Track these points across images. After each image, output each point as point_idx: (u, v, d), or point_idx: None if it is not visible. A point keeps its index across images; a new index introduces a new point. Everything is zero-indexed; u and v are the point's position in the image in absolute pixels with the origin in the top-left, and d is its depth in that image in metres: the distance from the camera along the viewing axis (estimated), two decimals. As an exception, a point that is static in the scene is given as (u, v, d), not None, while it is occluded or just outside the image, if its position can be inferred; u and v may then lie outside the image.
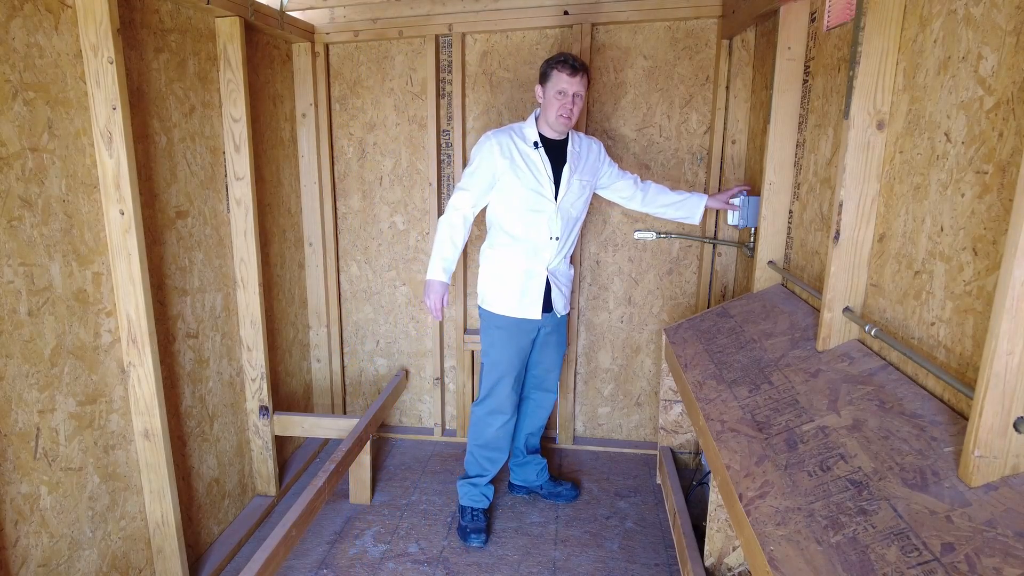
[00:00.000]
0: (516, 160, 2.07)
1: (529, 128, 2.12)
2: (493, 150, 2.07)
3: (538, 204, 2.10)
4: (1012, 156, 0.97)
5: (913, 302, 1.25)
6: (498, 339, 2.20)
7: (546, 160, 2.10)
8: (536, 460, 2.50)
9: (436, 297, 2.10)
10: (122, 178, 1.60)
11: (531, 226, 2.11)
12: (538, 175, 2.09)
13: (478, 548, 2.22)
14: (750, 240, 2.24)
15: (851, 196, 1.41)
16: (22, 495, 1.45)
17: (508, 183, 2.08)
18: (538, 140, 2.10)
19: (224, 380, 2.25)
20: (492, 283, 2.19)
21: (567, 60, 2.00)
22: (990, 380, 0.89)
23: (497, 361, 2.22)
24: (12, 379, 1.41)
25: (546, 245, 2.13)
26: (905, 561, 0.87)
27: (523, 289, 2.15)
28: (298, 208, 2.82)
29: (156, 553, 1.87)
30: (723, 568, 1.68)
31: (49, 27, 1.47)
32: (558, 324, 2.31)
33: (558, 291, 2.21)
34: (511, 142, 2.09)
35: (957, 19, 1.13)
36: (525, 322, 2.19)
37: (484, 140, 2.10)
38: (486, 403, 2.26)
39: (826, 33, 1.73)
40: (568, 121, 2.04)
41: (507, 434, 2.29)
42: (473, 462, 2.33)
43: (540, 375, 2.38)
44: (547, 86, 2.04)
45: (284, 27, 2.43)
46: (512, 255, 2.15)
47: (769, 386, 1.52)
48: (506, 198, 2.10)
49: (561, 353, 2.38)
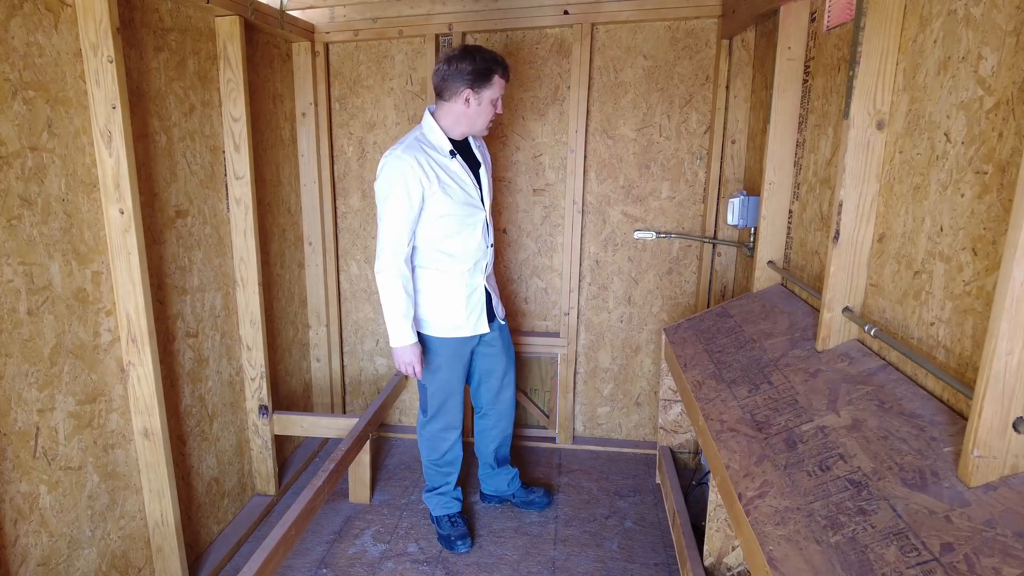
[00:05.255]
0: (442, 177, 1.88)
1: (436, 135, 1.92)
2: (415, 172, 1.82)
3: (472, 216, 1.97)
4: (1012, 156, 0.97)
5: (913, 302, 1.25)
6: (445, 362, 2.08)
7: (466, 167, 1.96)
8: (507, 471, 2.42)
9: (413, 359, 1.96)
10: (122, 177, 1.60)
11: (468, 240, 1.98)
12: (465, 187, 1.94)
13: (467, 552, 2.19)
14: (750, 240, 2.24)
15: (851, 196, 1.41)
16: (21, 494, 1.45)
17: (439, 203, 1.88)
18: (452, 148, 1.94)
19: (224, 379, 2.25)
20: (435, 307, 2.02)
21: (503, 64, 1.87)
22: (989, 380, 0.89)
23: (444, 384, 2.11)
24: (12, 378, 1.41)
25: (484, 255, 2.05)
26: (904, 561, 0.87)
27: (468, 306, 2.03)
28: (298, 207, 2.82)
29: (155, 552, 1.87)
30: (722, 568, 1.68)
31: (49, 26, 1.46)
32: (501, 329, 2.21)
33: (495, 297, 2.15)
34: (427, 157, 1.86)
35: (957, 19, 1.13)
36: (470, 339, 2.11)
37: (395, 163, 1.82)
38: (438, 420, 2.17)
39: (826, 33, 1.73)
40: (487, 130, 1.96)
41: (460, 443, 2.24)
42: (433, 474, 2.27)
43: (495, 385, 2.26)
44: (483, 92, 1.86)
45: (284, 26, 2.43)
46: (453, 274, 2.00)
47: (768, 386, 1.52)
48: (438, 220, 1.92)
49: (511, 355, 2.26)
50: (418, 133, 1.94)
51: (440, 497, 2.27)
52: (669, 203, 2.69)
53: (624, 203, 2.72)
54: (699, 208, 2.67)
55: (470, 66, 1.84)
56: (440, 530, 2.26)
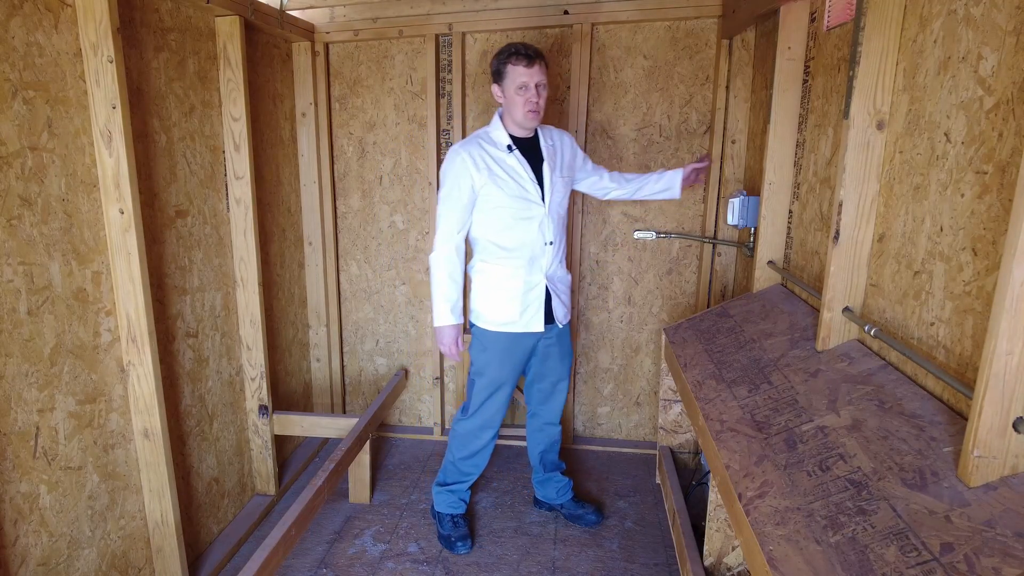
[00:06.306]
0: (494, 169, 1.94)
1: (497, 131, 1.99)
2: (466, 164, 1.92)
3: (527, 211, 1.98)
4: (1012, 156, 0.97)
5: (913, 302, 1.25)
6: (495, 358, 2.08)
7: (524, 162, 1.98)
8: (556, 479, 2.37)
9: (451, 342, 2.03)
10: (122, 177, 1.60)
11: (524, 235, 2.00)
12: (520, 180, 1.97)
13: (466, 554, 2.19)
14: (750, 240, 2.24)
15: (851, 196, 1.41)
16: (21, 494, 1.45)
17: (490, 196, 1.95)
18: (511, 143, 1.98)
19: (224, 379, 2.25)
20: (488, 300, 2.05)
21: (519, 51, 1.87)
22: (989, 380, 0.89)
23: (493, 379, 2.10)
24: (12, 378, 1.41)
25: (542, 252, 2.03)
26: (904, 561, 0.87)
27: (524, 302, 2.03)
28: (298, 207, 2.82)
29: (155, 552, 1.87)
30: (722, 568, 1.68)
31: (49, 26, 1.46)
32: (560, 334, 2.17)
33: (558, 300, 2.10)
34: (482, 151, 1.95)
35: (957, 19, 1.13)
36: (525, 336, 2.08)
37: (452, 156, 1.95)
38: (475, 418, 2.15)
39: (826, 33, 1.73)
40: (537, 115, 1.92)
41: (492, 446, 2.22)
42: (453, 471, 2.25)
43: (546, 389, 2.24)
44: (504, 83, 1.91)
45: (284, 26, 2.43)
46: (508, 268, 2.02)
47: (768, 386, 1.52)
48: (492, 211, 1.97)
49: (567, 364, 2.24)
50: (482, 130, 2.04)
51: (449, 495, 2.26)
52: (669, 203, 2.69)
53: (624, 203, 2.71)
54: (699, 208, 2.67)
55: (494, 62, 1.95)
56: (441, 529, 2.25)
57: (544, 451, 2.35)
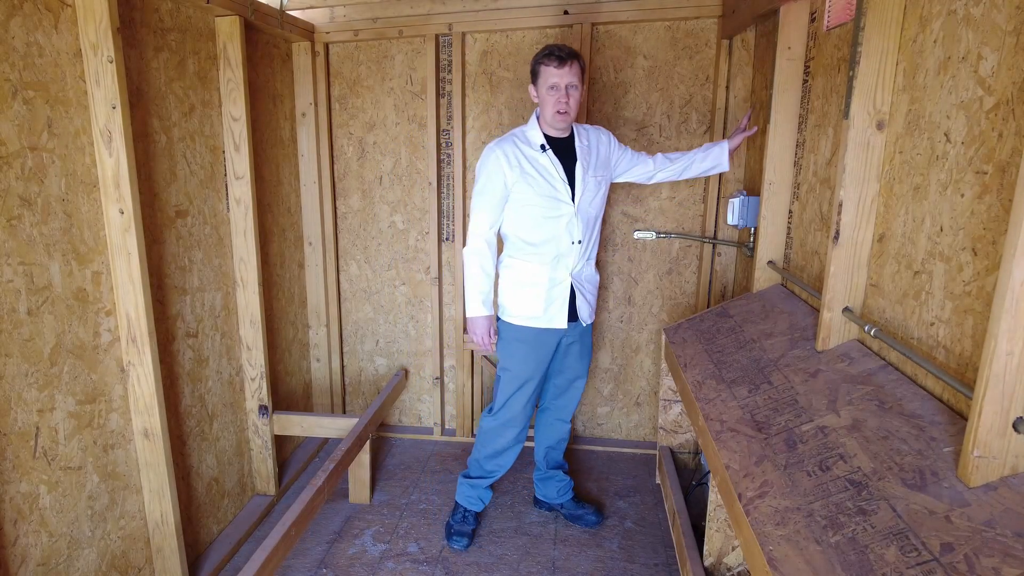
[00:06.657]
0: (525, 168, 1.98)
1: (532, 131, 2.03)
2: (500, 162, 1.97)
3: (556, 209, 2.00)
4: (1012, 156, 0.97)
5: (912, 302, 1.25)
6: (519, 352, 2.12)
7: (556, 162, 2.00)
8: (558, 478, 2.39)
9: (483, 332, 2.07)
10: (122, 177, 1.60)
11: (551, 232, 2.02)
12: (551, 179, 1.99)
13: (459, 550, 2.21)
14: (750, 240, 2.24)
15: (851, 196, 1.41)
16: (21, 494, 1.45)
17: (521, 193, 1.99)
18: (544, 142, 2.00)
19: (223, 379, 2.25)
20: (514, 294, 2.09)
21: (552, 52, 1.90)
22: (989, 380, 0.89)
23: (518, 374, 2.13)
24: (12, 378, 1.41)
25: (569, 250, 2.04)
26: (904, 561, 0.87)
27: (547, 298, 2.06)
28: (298, 207, 2.82)
29: (155, 552, 1.87)
30: (722, 568, 1.68)
31: (49, 26, 1.46)
32: (583, 333, 2.19)
33: (583, 298, 2.11)
34: (516, 149, 1.99)
35: (957, 19, 1.13)
36: (548, 332, 2.10)
37: (488, 153, 2.01)
38: (500, 415, 2.18)
39: (826, 33, 1.73)
40: (566, 116, 1.94)
41: (519, 445, 2.23)
42: (476, 467, 2.28)
43: (562, 384, 2.27)
44: (538, 83, 1.95)
45: (284, 26, 2.43)
46: (534, 264, 2.06)
47: (768, 386, 1.52)
48: (521, 208, 2.01)
49: (586, 362, 2.26)
50: (519, 129, 2.07)
51: (470, 488, 2.28)
52: (669, 203, 2.69)
53: (624, 203, 2.72)
54: (699, 208, 2.67)
55: (532, 63, 1.99)
56: (452, 516, 2.30)
57: (550, 447, 2.37)
